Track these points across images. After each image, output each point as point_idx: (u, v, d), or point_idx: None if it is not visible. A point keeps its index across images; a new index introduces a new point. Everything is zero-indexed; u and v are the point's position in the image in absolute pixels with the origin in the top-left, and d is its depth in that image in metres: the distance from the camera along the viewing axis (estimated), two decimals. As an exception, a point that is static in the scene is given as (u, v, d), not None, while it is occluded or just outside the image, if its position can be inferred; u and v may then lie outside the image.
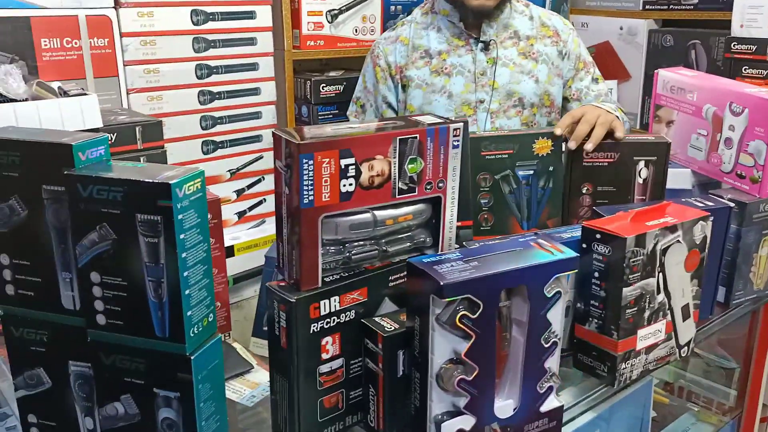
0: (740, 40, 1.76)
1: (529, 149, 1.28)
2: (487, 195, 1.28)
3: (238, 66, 1.74)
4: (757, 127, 1.26)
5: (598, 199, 1.28)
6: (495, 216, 1.28)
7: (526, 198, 1.28)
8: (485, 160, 1.27)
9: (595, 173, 1.29)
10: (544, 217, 1.29)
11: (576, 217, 1.29)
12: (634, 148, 1.29)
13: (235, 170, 1.79)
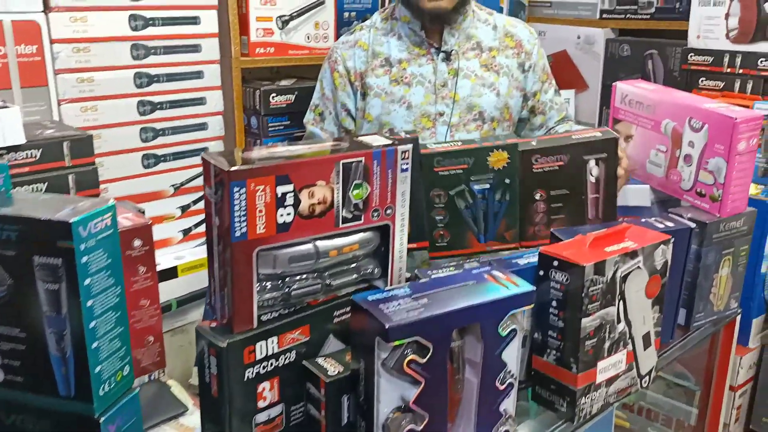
0: (697, 52, 1.74)
1: (483, 163, 1.24)
2: (442, 212, 1.24)
3: (181, 74, 1.64)
4: (716, 144, 1.23)
5: (553, 203, 1.25)
6: (451, 232, 1.24)
7: (482, 212, 1.25)
8: (438, 177, 1.23)
9: (547, 178, 1.25)
10: (501, 230, 1.25)
11: (532, 224, 1.25)
12: (583, 148, 1.25)
13: (179, 185, 1.70)
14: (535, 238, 1.26)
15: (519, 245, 1.25)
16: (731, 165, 1.21)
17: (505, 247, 1.25)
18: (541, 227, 1.25)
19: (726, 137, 1.20)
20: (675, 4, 2.01)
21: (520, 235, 1.25)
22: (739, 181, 1.23)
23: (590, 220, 1.26)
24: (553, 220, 1.25)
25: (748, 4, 1.61)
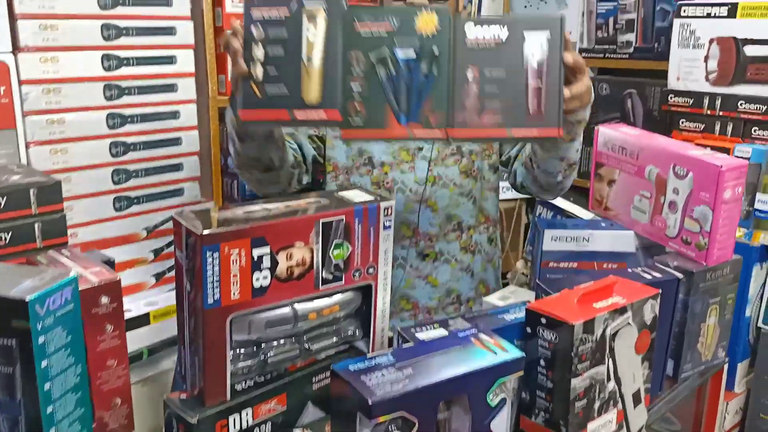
0: (677, 93, 1.74)
1: (410, 26, 1.09)
2: (360, 79, 1.09)
3: (156, 114, 1.60)
4: (702, 192, 1.21)
5: (487, 86, 1.09)
6: (368, 107, 1.09)
7: (405, 85, 1.09)
8: (359, 36, 1.09)
9: (482, 56, 1.10)
10: (426, 111, 1.10)
11: (462, 109, 1.10)
12: (523, 24, 1.11)
13: (153, 227, 1.64)
14: (465, 126, 1.09)
15: (445, 133, 1.09)
16: (717, 213, 1.19)
17: (429, 134, 1.10)
18: (473, 113, 1.09)
19: (711, 186, 1.18)
20: (653, 44, 2.02)
21: (447, 119, 1.09)
22: (725, 229, 1.21)
23: (530, 115, 1.10)
24: (487, 107, 1.09)
25: (727, 48, 1.62)
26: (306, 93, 1.10)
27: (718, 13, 1.62)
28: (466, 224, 1.55)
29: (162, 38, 1.57)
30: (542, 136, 1.11)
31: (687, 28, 1.68)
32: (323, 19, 1.11)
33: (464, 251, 1.56)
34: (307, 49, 1.11)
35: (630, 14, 2.06)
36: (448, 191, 1.53)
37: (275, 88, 1.10)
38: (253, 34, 1.10)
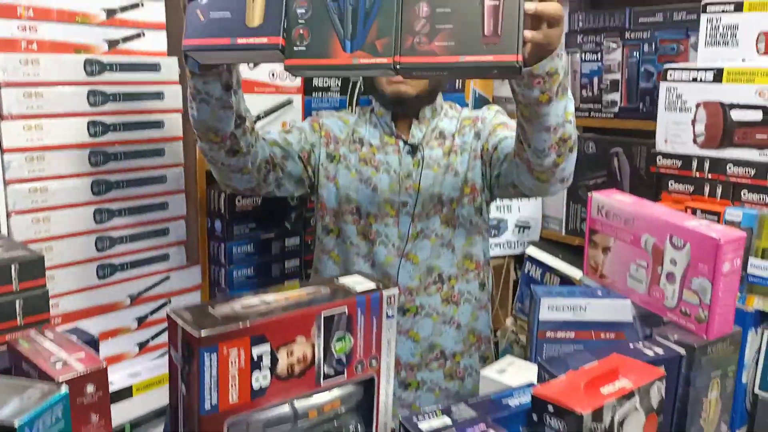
0: (665, 155, 1.75)
1: None
2: (305, 2, 1.03)
3: (142, 180, 1.57)
4: (700, 264, 1.20)
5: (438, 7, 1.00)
6: (312, 32, 1.03)
7: (351, 8, 1.03)
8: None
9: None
10: (372, 37, 1.02)
11: (411, 33, 1.01)
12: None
13: (137, 295, 1.60)
14: (415, 53, 1.01)
15: (393, 60, 1.02)
16: (716, 286, 1.18)
17: (375, 61, 1.02)
18: (423, 38, 1.01)
19: (710, 258, 1.17)
20: (639, 104, 2.05)
21: (394, 46, 1.01)
22: (726, 302, 1.20)
23: (486, 37, 0.99)
24: (439, 31, 1.00)
25: (714, 112, 1.63)
26: (249, 18, 1.05)
27: (704, 78, 1.64)
28: (447, 275, 1.53)
29: (150, 103, 1.54)
30: (498, 62, 0.99)
31: (674, 92, 1.70)
32: None
33: (446, 303, 1.53)
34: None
35: (614, 74, 2.09)
36: (429, 243, 1.52)
37: (219, 13, 1.06)
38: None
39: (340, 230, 1.55)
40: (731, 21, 1.60)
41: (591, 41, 2.11)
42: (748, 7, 1.57)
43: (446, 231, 1.52)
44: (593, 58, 2.12)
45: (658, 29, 1.95)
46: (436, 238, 1.51)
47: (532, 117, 1.23)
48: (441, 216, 1.52)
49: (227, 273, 1.70)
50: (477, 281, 1.57)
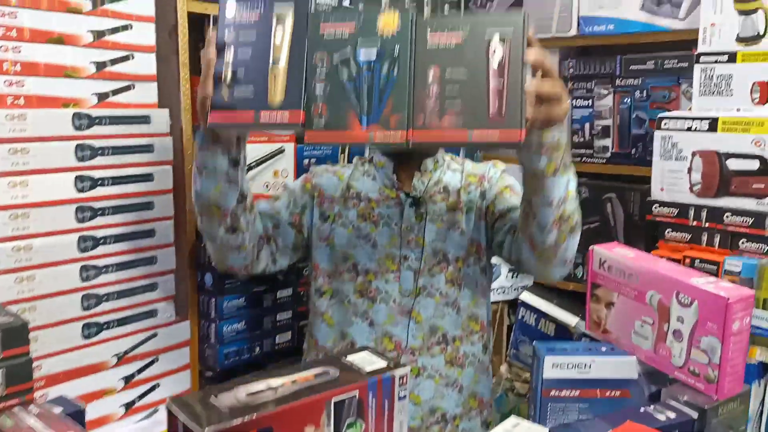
0: (661, 203, 1.74)
1: (372, 26, 1.10)
2: (324, 81, 1.11)
3: (130, 234, 1.52)
4: (709, 323, 1.17)
5: (448, 86, 1.08)
6: (330, 108, 1.10)
7: (367, 86, 1.10)
8: (323, 38, 1.11)
9: (442, 55, 1.09)
10: (387, 113, 1.09)
11: (422, 110, 1.09)
12: (485, 22, 1.09)
13: (123, 354, 1.53)
14: (426, 128, 1.09)
15: (405, 135, 1.09)
16: (726, 346, 1.15)
17: (389, 137, 1.09)
18: (434, 115, 1.08)
19: (719, 317, 1.15)
20: (631, 150, 2.05)
21: (407, 122, 1.09)
22: (736, 361, 1.17)
23: (492, 115, 1.07)
24: (448, 109, 1.08)
25: (710, 161, 1.63)
26: (271, 95, 1.11)
27: (699, 127, 1.64)
28: (451, 336, 1.48)
29: (139, 156, 1.51)
30: (504, 140, 1.07)
31: (668, 141, 1.70)
32: (291, 21, 1.13)
33: (450, 365, 1.48)
34: (275, 51, 1.13)
35: (605, 120, 2.09)
36: (434, 301, 1.47)
37: (243, 90, 1.12)
38: (225, 38, 1.13)
39: (335, 291, 1.50)
40: (725, 71, 1.61)
41: (582, 87, 2.11)
42: (742, 58, 1.58)
43: (451, 290, 1.47)
44: (584, 104, 2.12)
45: (649, 76, 1.96)
46: (440, 297, 1.46)
47: (538, 189, 1.26)
48: (446, 274, 1.47)
49: (217, 328, 1.64)
50: (480, 343, 1.52)
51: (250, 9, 1.13)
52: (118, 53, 1.46)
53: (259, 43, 1.12)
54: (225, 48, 1.13)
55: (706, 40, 1.62)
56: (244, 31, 1.13)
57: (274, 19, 1.13)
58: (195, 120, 1.61)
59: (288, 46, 1.12)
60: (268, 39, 1.12)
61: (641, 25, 1.91)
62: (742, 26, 1.57)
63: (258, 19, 1.13)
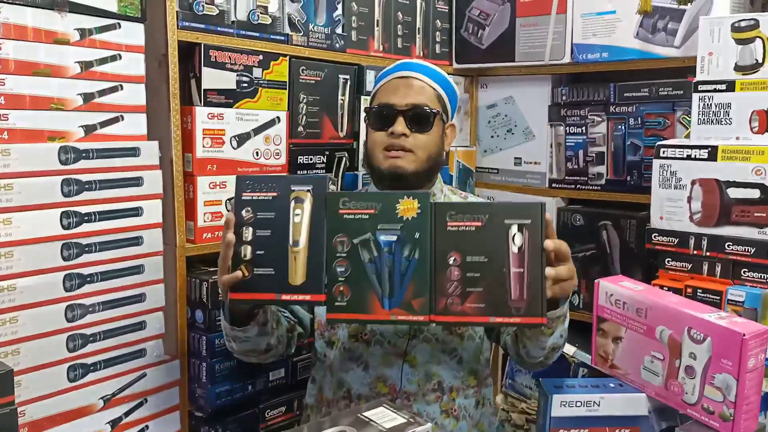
0: (661, 232, 1.72)
1: (392, 210, 1.14)
2: (344, 262, 1.14)
3: (118, 271, 1.46)
4: (723, 360, 1.14)
5: (469, 271, 1.12)
6: (352, 290, 1.14)
7: (388, 269, 1.13)
8: (343, 220, 1.15)
9: (463, 239, 1.13)
10: (408, 297, 1.13)
11: (444, 294, 1.13)
12: (504, 210, 1.15)
13: (111, 396, 1.46)
14: (448, 312, 1.13)
15: (429, 319, 1.13)
16: (742, 383, 1.12)
17: (412, 319, 1.13)
18: (455, 299, 1.12)
19: (734, 354, 1.12)
20: (625, 177, 2.03)
21: (430, 306, 1.12)
22: (752, 398, 1.14)
23: (513, 301, 1.12)
24: (470, 293, 1.12)
25: (710, 189, 1.61)
26: (292, 276, 1.15)
27: (698, 156, 1.62)
28: (448, 385, 1.44)
29: (128, 190, 1.45)
30: (526, 324, 1.13)
31: (667, 169, 1.68)
32: (309, 203, 1.17)
33: (446, 415, 1.43)
34: (294, 232, 1.16)
35: (600, 147, 2.08)
36: (429, 346, 1.43)
37: (262, 269, 1.15)
38: (243, 217, 1.16)
39: (333, 341, 1.46)
40: (724, 100, 1.60)
41: (575, 114, 2.10)
42: (740, 86, 1.57)
43: (449, 338, 1.43)
44: (578, 131, 2.10)
45: (643, 103, 1.95)
46: (437, 342, 1.42)
47: (533, 339, 1.32)
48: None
49: (209, 366, 1.58)
50: (475, 398, 1.48)
51: (267, 189, 1.17)
52: (107, 84, 1.41)
53: (278, 223, 1.15)
54: (243, 227, 1.16)
55: (704, 69, 1.61)
56: (262, 212, 1.16)
57: (292, 200, 1.16)
58: (185, 151, 1.57)
59: (307, 227, 1.15)
60: (287, 219, 1.15)
61: (636, 52, 1.90)
62: (740, 55, 1.57)
63: (276, 199, 1.16)
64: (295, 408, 1.80)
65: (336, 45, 1.85)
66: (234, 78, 1.62)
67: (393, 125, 1.41)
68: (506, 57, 2.17)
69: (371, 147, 1.45)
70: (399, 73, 1.47)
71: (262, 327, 1.32)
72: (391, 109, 1.42)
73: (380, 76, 1.51)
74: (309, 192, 1.17)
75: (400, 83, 1.45)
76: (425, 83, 1.46)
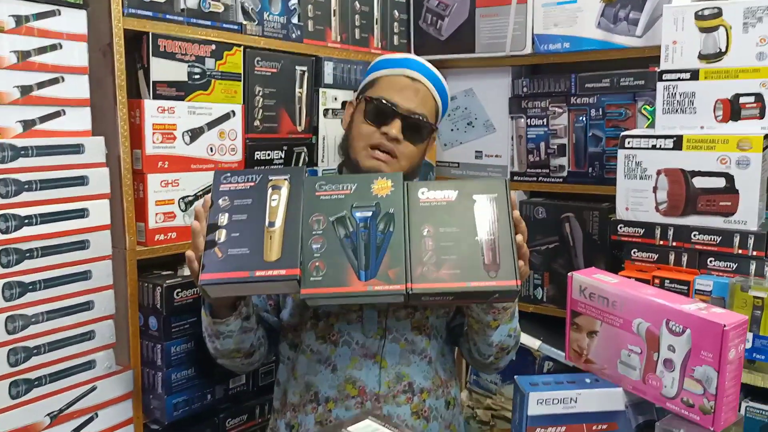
0: (627, 223, 1.70)
1: (366, 189, 1.19)
2: (320, 239, 1.15)
3: (63, 277, 1.35)
4: (703, 352, 1.12)
5: (442, 241, 1.16)
6: (327, 264, 1.14)
7: (363, 243, 1.15)
8: (320, 201, 1.18)
9: (435, 214, 1.19)
10: (385, 267, 1.14)
11: (420, 263, 1.15)
12: (472, 186, 1.22)
13: (58, 412, 1.36)
14: (425, 279, 1.14)
15: (405, 287, 1.13)
16: (723, 375, 1.10)
17: (390, 288, 1.12)
18: (431, 267, 1.14)
19: (714, 345, 1.10)
20: (587, 169, 2.01)
21: (406, 274, 1.14)
22: (732, 390, 1.12)
23: (487, 265, 1.15)
24: (444, 261, 1.15)
25: (676, 179, 1.60)
26: (267, 254, 1.13)
27: (663, 145, 1.61)
28: (419, 386, 1.39)
29: (72, 190, 1.34)
30: (501, 287, 1.14)
31: (632, 159, 1.66)
32: (286, 188, 1.19)
33: (416, 416, 1.39)
34: (270, 214, 1.17)
35: (561, 139, 2.06)
36: (399, 347, 1.37)
37: (237, 249, 1.14)
38: (220, 205, 1.17)
39: (297, 343, 1.41)
40: (688, 89, 1.59)
41: (536, 106, 2.07)
42: (704, 75, 1.56)
43: (418, 338, 1.38)
44: (539, 123, 2.08)
45: (604, 94, 1.94)
46: (406, 343, 1.37)
47: (480, 333, 1.35)
48: (412, 321, 1.39)
49: (165, 376, 1.48)
50: (444, 398, 1.44)
51: (246, 180, 1.20)
52: (46, 75, 1.30)
53: (255, 207, 1.17)
54: (219, 213, 1.17)
55: (668, 58, 1.60)
56: (239, 199, 1.18)
57: (269, 187, 1.19)
58: (134, 147, 1.47)
59: (284, 210, 1.16)
60: (264, 204, 1.17)
61: (597, 42, 1.88)
62: (703, 44, 1.56)
63: (253, 188, 1.19)
64: (257, 416, 1.72)
65: (292, 35, 1.77)
66: (185, 69, 1.53)
67: (389, 126, 1.35)
68: (466, 48, 2.13)
69: (356, 137, 1.39)
70: (408, 72, 1.41)
71: (245, 320, 1.29)
72: (393, 109, 1.36)
73: (380, 64, 1.46)
74: (286, 180, 1.19)
75: (408, 85, 1.40)
76: (431, 93, 1.42)
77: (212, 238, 1.15)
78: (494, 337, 1.34)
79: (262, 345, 1.40)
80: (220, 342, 1.31)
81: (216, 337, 1.30)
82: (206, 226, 1.17)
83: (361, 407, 1.35)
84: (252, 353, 1.37)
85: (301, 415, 1.38)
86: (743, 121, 1.55)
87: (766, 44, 1.50)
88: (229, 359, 1.37)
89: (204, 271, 1.12)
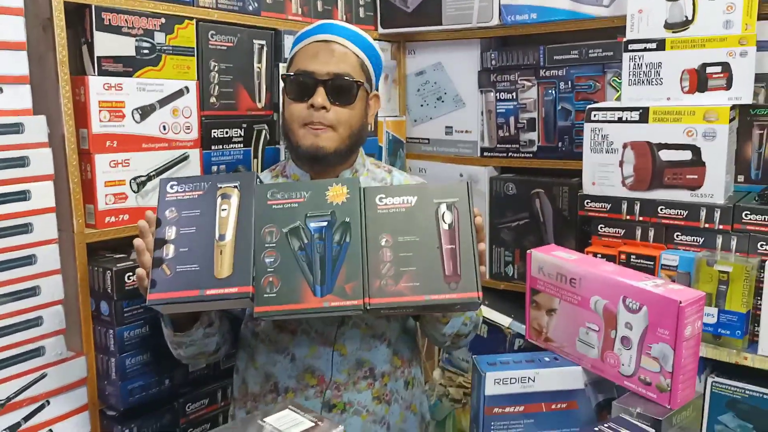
0: (593, 198, 1.67)
1: (322, 197, 1.13)
2: (273, 252, 1.09)
3: (5, 263, 1.30)
4: (659, 329, 1.09)
5: (401, 251, 1.10)
6: (282, 279, 1.08)
7: (319, 255, 1.10)
8: (272, 210, 1.12)
9: (393, 221, 1.12)
10: (341, 281, 1.08)
11: (378, 276, 1.09)
12: (432, 191, 1.15)
13: (5, 400, 1.32)
14: (383, 294, 1.08)
15: (363, 302, 1.07)
16: (679, 352, 1.07)
17: (346, 304, 1.07)
18: (389, 280, 1.09)
19: (671, 322, 1.07)
20: (557, 143, 1.97)
21: (363, 289, 1.08)
22: (689, 367, 1.09)
23: (447, 277, 1.09)
24: (403, 273, 1.09)
25: (642, 152, 1.57)
26: (218, 270, 1.08)
27: (629, 118, 1.57)
28: (380, 371, 1.36)
29: (12, 171, 1.29)
30: (462, 300, 1.09)
31: (599, 133, 1.62)
32: (236, 197, 1.13)
33: (377, 401, 1.36)
34: (220, 226, 1.11)
35: (531, 113, 2.01)
36: (359, 331, 1.34)
37: (186, 266, 1.08)
38: (167, 217, 1.11)
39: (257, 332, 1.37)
40: (654, 59, 1.54)
41: (505, 80, 2.02)
42: (670, 45, 1.52)
43: (378, 322, 1.35)
44: (508, 97, 2.03)
45: (573, 66, 1.89)
46: (366, 327, 1.34)
47: (430, 325, 1.33)
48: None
49: (118, 362, 1.44)
50: (403, 379, 1.41)
51: (193, 189, 1.14)
52: (-20, 51, 1.24)
53: (203, 220, 1.11)
54: (166, 227, 1.11)
55: (634, 27, 1.55)
56: (187, 210, 1.12)
57: (218, 196, 1.12)
58: (79, 126, 1.41)
59: (234, 221, 1.11)
60: (213, 215, 1.11)
61: (565, 12, 1.83)
62: (669, 12, 1.51)
63: (201, 197, 1.12)
64: (219, 399, 1.68)
65: (249, 7, 1.71)
66: (133, 43, 1.47)
67: (312, 96, 1.29)
68: (433, 20, 2.07)
69: (289, 120, 1.34)
70: (319, 36, 1.34)
71: (207, 327, 1.27)
72: (310, 77, 1.30)
73: (298, 38, 1.39)
74: (236, 188, 1.13)
75: (320, 48, 1.33)
76: (348, 49, 1.34)
77: (159, 254, 1.09)
78: (446, 329, 1.32)
79: (227, 341, 1.38)
80: (183, 350, 1.29)
81: (179, 346, 1.28)
82: (152, 241, 1.11)
83: (321, 396, 1.32)
84: (217, 351, 1.35)
85: (262, 405, 1.35)
86: (710, 92, 1.51)
87: (732, 12, 1.46)
88: (193, 360, 1.36)
89: (152, 290, 1.07)
